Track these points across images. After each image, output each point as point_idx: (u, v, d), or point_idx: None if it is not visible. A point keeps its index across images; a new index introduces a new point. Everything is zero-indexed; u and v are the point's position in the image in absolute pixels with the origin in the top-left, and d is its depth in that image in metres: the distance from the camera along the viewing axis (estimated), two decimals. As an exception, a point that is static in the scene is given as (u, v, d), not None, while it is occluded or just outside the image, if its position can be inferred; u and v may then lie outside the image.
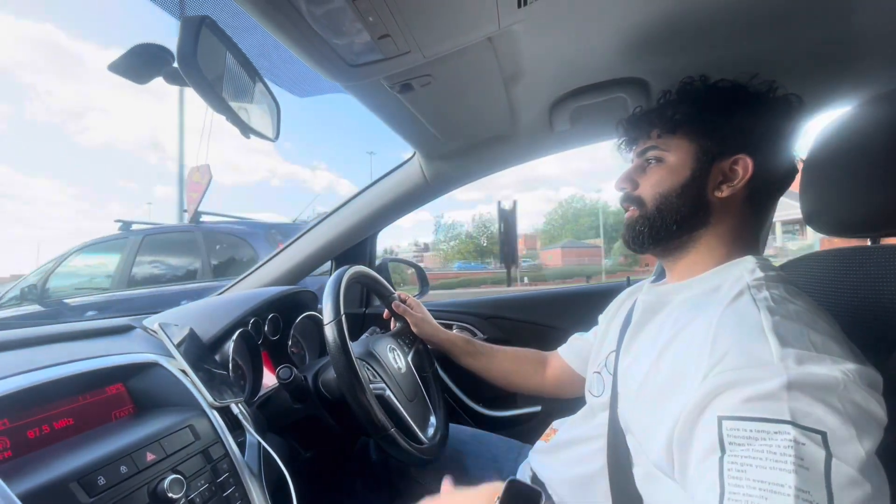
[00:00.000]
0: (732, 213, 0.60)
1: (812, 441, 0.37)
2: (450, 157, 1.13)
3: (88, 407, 0.58)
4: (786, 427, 0.38)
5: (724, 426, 0.40)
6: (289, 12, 0.53)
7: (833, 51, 0.73)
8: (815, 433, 0.37)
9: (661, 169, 0.62)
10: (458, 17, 0.58)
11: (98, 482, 0.47)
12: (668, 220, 0.61)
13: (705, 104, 0.61)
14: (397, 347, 0.96)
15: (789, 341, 0.42)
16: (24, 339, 0.65)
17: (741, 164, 0.58)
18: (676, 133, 0.61)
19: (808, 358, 0.41)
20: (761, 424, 0.39)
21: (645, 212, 0.63)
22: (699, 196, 0.59)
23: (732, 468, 0.39)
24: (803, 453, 0.36)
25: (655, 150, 0.63)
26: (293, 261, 1.30)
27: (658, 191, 0.62)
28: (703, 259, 0.61)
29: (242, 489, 0.63)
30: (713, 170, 0.59)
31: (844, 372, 0.40)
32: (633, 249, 0.66)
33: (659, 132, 0.63)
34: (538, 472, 0.75)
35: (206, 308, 0.93)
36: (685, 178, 0.60)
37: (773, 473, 0.37)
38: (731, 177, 0.58)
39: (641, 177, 0.65)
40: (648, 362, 0.54)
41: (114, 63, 0.56)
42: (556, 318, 1.34)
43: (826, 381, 0.39)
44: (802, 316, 0.46)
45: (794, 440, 0.37)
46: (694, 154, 0.60)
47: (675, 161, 0.61)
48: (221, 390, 0.69)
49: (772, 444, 0.38)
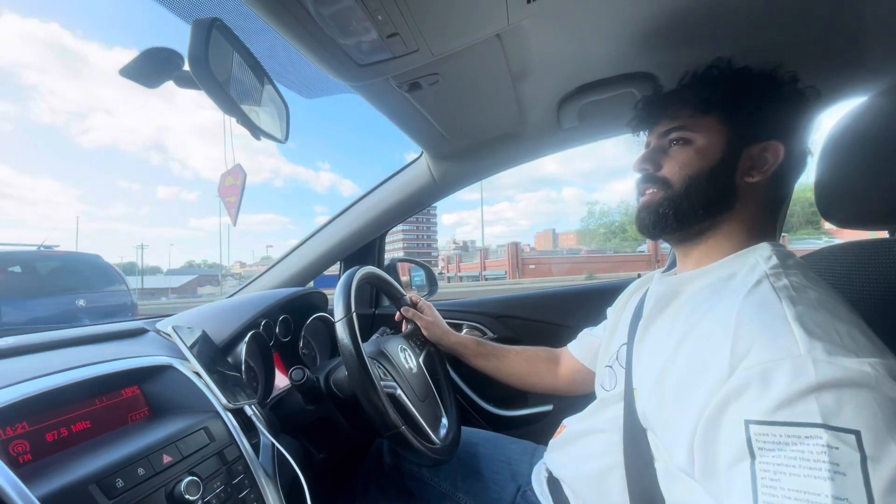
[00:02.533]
0: (756, 199, 0.59)
1: (845, 443, 0.35)
2: (457, 157, 1.13)
3: (105, 410, 0.59)
4: (817, 431, 0.36)
5: (751, 430, 0.39)
6: (297, 13, 0.53)
7: (846, 42, 0.72)
8: (848, 433, 0.36)
9: (688, 150, 0.60)
10: (467, 14, 0.58)
11: (116, 484, 0.47)
12: (695, 203, 0.59)
13: (737, 87, 0.59)
14: (408, 348, 0.96)
15: (815, 332, 0.41)
16: (41, 343, 0.65)
17: (772, 151, 0.57)
18: (708, 114, 0.60)
19: (835, 350, 0.40)
20: (791, 429, 0.37)
21: (671, 193, 0.60)
22: (728, 180, 0.58)
23: (766, 477, 0.38)
24: (838, 458, 0.35)
25: (682, 130, 0.61)
26: (303, 262, 1.30)
27: (687, 172, 0.59)
28: (720, 246, 0.60)
29: (258, 490, 0.63)
30: (743, 154, 0.58)
31: (873, 365, 0.38)
32: (649, 234, 0.64)
33: (691, 112, 0.61)
34: (553, 471, 0.75)
35: (218, 310, 0.93)
36: (715, 161, 0.59)
37: (809, 481, 0.35)
38: (760, 163, 0.58)
39: (664, 158, 0.62)
40: (664, 355, 0.52)
41: (125, 67, 0.56)
42: (565, 316, 1.33)
43: (856, 377, 0.38)
44: (825, 304, 0.45)
45: (826, 444, 0.35)
46: (725, 137, 0.59)
47: (704, 143, 0.59)
48: (235, 392, 0.69)
49: (804, 450, 0.36)
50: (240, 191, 0.80)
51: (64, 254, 4.73)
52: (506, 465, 0.91)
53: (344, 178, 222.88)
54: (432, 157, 1.14)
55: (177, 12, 0.57)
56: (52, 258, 4.59)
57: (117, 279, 4.99)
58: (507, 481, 0.88)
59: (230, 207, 0.81)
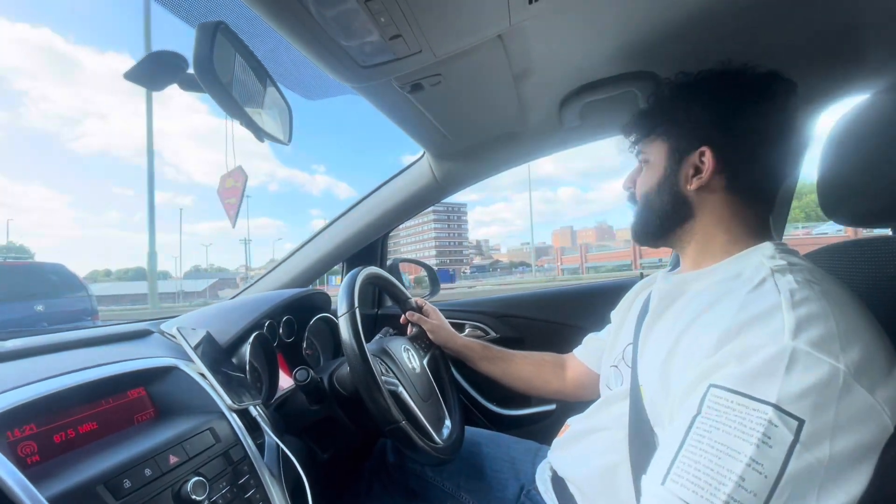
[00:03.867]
0: (715, 203, 0.61)
1: (785, 426, 0.38)
2: (459, 156, 1.13)
3: (111, 411, 0.59)
4: (766, 408, 0.39)
5: (710, 392, 0.42)
6: (300, 15, 0.53)
7: (847, 39, 0.72)
8: (794, 419, 0.38)
9: (646, 169, 0.67)
10: (469, 15, 0.58)
11: (124, 485, 0.48)
12: (652, 217, 0.66)
13: (673, 103, 0.64)
14: (412, 348, 0.96)
15: (805, 324, 0.43)
16: (47, 345, 0.66)
17: (706, 156, 0.60)
18: (652, 134, 0.66)
19: (821, 344, 0.41)
20: (745, 400, 0.40)
21: (637, 210, 0.69)
22: (675, 191, 0.63)
23: (701, 427, 0.41)
24: (772, 433, 0.38)
25: (642, 153, 0.68)
26: (305, 263, 1.31)
27: (643, 190, 0.67)
28: (708, 247, 0.62)
29: (263, 490, 0.63)
30: (684, 164, 0.62)
31: (850, 367, 0.40)
32: (639, 243, 0.72)
33: (644, 134, 0.68)
34: (558, 470, 0.75)
35: (221, 311, 0.94)
36: (661, 176, 0.64)
37: (735, 440, 0.39)
38: (700, 169, 0.60)
39: (638, 177, 0.70)
40: (667, 349, 0.54)
41: (129, 71, 0.56)
42: (568, 316, 1.33)
43: (829, 374, 0.39)
44: (829, 298, 0.46)
45: (769, 420, 0.38)
46: (666, 152, 0.64)
47: (654, 160, 0.66)
48: (240, 393, 0.69)
49: (746, 417, 0.39)
50: (240, 193, 0.80)
51: (28, 264, 5.42)
52: (509, 465, 0.91)
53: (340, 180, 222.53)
54: (434, 158, 1.14)
55: (181, 16, 0.57)
56: (17, 268, 5.31)
57: (79, 286, 5.55)
58: (510, 480, 0.88)
59: (229, 209, 0.81)
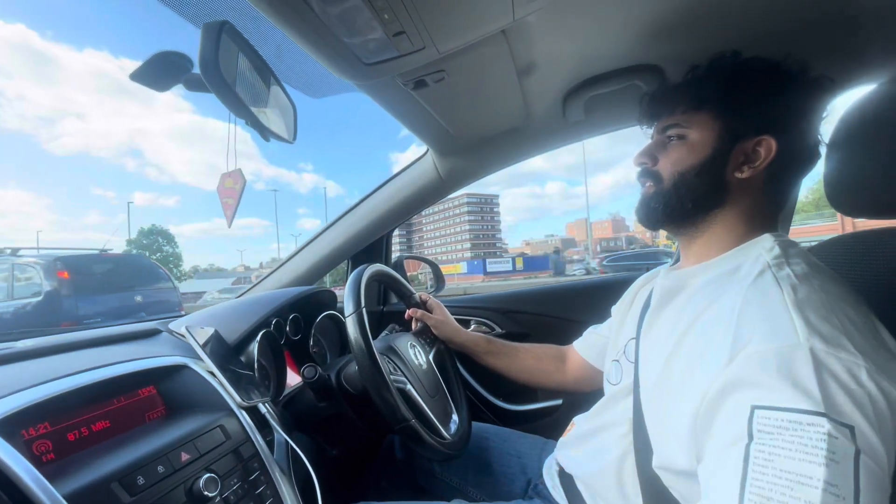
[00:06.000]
0: (751, 194, 0.59)
1: (843, 435, 0.36)
2: (463, 153, 1.13)
3: (123, 409, 0.60)
4: (820, 419, 0.37)
5: (756, 415, 0.39)
6: (304, 13, 0.53)
7: (854, 29, 0.71)
8: (845, 427, 0.37)
9: (682, 146, 0.61)
10: (472, 11, 0.58)
11: (138, 482, 0.48)
12: (684, 198, 0.60)
13: (733, 82, 0.59)
14: (418, 345, 0.96)
15: (814, 321, 0.42)
16: (59, 345, 0.66)
17: (764, 146, 0.57)
18: (701, 110, 0.60)
19: (833, 340, 0.41)
20: (795, 415, 0.38)
21: (661, 188, 0.62)
22: (718, 176, 0.59)
23: (759, 456, 0.38)
24: (835, 447, 0.36)
25: (678, 126, 0.62)
26: (311, 261, 1.31)
27: (677, 169, 0.61)
28: (718, 239, 0.60)
29: (273, 487, 0.64)
30: (735, 150, 0.58)
31: (868, 359, 0.40)
32: (646, 226, 0.66)
33: (684, 108, 0.62)
34: (565, 466, 0.75)
35: (229, 310, 0.94)
36: (705, 157, 0.59)
37: (802, 465, 0.36)
38: (753, 158, 0.57)
39: (661, 153, 0.63)
40: (668, 347, 0.53)
41: (135, 72, 0.56)
42: (572, 311, 1.33)
43: (852, 370, 0.39)
44: (827, 291, 0.46)
45: (827, 433, 0.36)
46: (717, 132, 0.59)
47: (696, 138, 0.60)
48: (248, 390, 0.70)
49: (803, 436, 0.37)
50: (238, 194, 0.81)
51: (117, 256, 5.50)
52: (516, 460, 0.91)
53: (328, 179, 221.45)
54: (438, 154, 1.14)
55: (186, 16, 0.57)
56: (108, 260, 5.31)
57: (165, 277, 5.60)
58: (517, 475, 0.88)
59: (227, 209, 0.82)
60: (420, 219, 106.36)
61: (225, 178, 0.81)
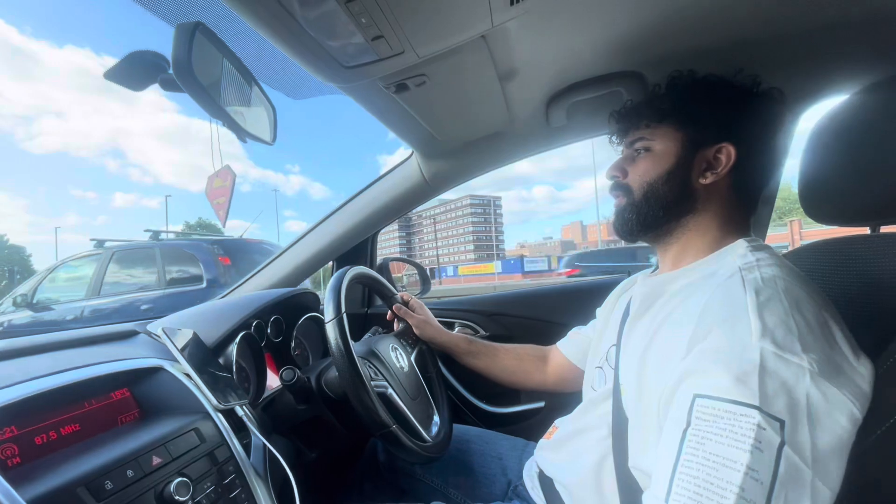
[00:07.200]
0: (718, 200, 0.62)
1: (772, 428, 0.40)
2: (448, 156, 1.13)
3: (94, 412, 0.59)
4: (753, 411, 0.40)
5: (696, 403, 0.43)
6: (282, 16, 0.53)
7: (828, 39, 0.73)
8: (776, 420, 0.40)
9: (648, 158, 0.65)
10: (450, 16, 0.59)
11: (105, 486, 0.48)
12: (654, 207, 0.63)
13: (691, 95, 0.64)
14: (400, 347, 0.96)
15: (770, 324, 0.44)
16: (30, 346, 0.65)
17: (724, 152, 0.60)
18: (663, 122, 0.64)
19: (785, 343, 0.43)
20: (731, 405, 0.41)
21: (632, 200, 0.65)
22: (684, 183, 0.62)
23: (693, 440, 0.42)
24: (762, 437, 0.39)
25: (643, 140, 0.65)
26: (294, 263, 1.30)
27: (645, 179, 0.64)
28: (693, 245, 0.63)
29: (248, 491, 0.63)
30: (697, 157, 0.62)
31: (813, 362, 0.42)
32: (622, 237, 0.69)
33: (648, 122, 0.66)
34: (545, 469, 0.76)
35: (208, 312, 0.94)
36: (670, 166, 0.63)
37: (729, 450, 0.40)
38: (715, 164, 0.61)
39: (630, 165, 0.67)
40: (641, 350, 0.56)
41: (109, 71, 0.56)
42: (557, 314, 1.34)
43: (796, 372, 0.42)
44: (791, 295, 0.48)
45: (757, 424, 0.40)
46: (679, 142, 0.63)
47: (661, 149, 0.64)
48: (226, 393, 0.69)
49: (735, 424, 0.40)
50: (229, 192, 0.80)
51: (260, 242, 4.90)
52: (497, 461, 0.92)
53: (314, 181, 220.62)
54: (422, 157, 1.14)
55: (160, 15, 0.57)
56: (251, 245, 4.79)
57: None
58: (498, 477, 0.89)
59: (219, 209, 0.81)
60: (421, 220, 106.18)
61: (213, 178, 0.80)
